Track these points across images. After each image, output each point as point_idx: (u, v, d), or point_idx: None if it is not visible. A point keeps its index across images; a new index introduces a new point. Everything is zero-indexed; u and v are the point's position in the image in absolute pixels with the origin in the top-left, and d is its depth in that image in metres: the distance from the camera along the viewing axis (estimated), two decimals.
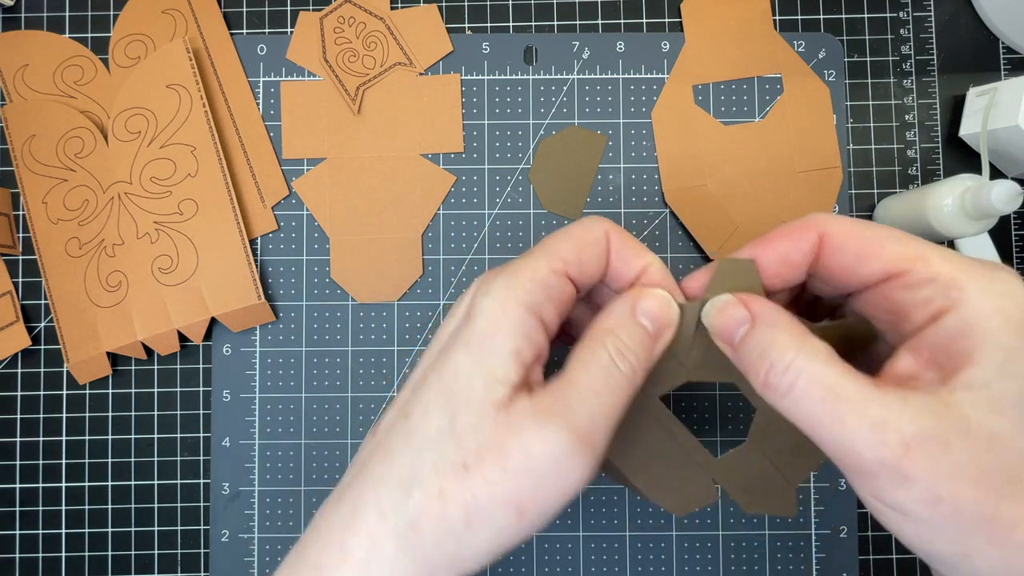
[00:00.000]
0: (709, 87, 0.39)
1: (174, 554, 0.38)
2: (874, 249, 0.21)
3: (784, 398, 0.20)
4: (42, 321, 0.39)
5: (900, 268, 0.21)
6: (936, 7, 0.40)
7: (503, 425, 0.20)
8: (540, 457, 0.20)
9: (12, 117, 0.39)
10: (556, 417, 0.20)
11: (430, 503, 0.20)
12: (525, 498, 0.20)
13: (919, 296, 0.20)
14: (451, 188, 0.39)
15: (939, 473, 0.18)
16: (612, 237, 0.24)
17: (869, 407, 0.18)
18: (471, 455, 0.20)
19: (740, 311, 0.22)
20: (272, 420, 0.38)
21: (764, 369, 0.20)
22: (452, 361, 0.22)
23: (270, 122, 0.39)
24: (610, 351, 0.22)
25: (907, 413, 0.18)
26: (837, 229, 0.22)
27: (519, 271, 0.22)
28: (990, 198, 0.30)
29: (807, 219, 0.23)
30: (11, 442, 0.39)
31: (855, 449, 0.18)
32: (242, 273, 0.37)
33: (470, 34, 0.40)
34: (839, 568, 0.37)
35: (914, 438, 0.18)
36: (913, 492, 0.18)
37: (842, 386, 0.19)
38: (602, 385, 0.21)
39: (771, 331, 0.21)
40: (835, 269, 0.22)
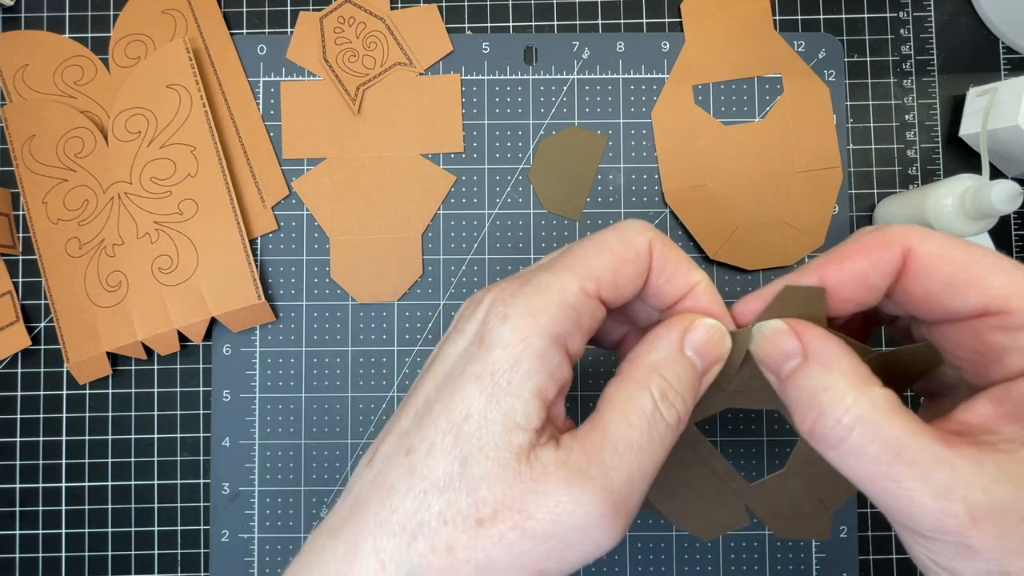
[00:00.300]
0: (709, 87, 0.39)
1: (174, 554, 0.38)
2: (972, 280, 0.18)
3: (833, 450, 0.18)
4: (42, 321, 0.39)
5: (1002, 307, 0.17)
6: (936, 7, 0.40)
7: (525, 480, 0.18)
8: (568, 525, 0.18)
9: (12, 117, 0.39)
10: (589, 481, 0.18)
11: (437, 557, 0.18)
12: (547, 563, 0.18)
13: (1018, 342, 0.17)
14: (451, 188, 0.39)
15: (1009, 548, 0.16)
16: (656, 250, 0.21)
17: (935, 471, 0.16)
18: (487, 510, 0.18)
19: (791, 343, 0.19)
20: (272, 420, 0.38)
21: (813, 416, 0.18)
22: (462, 397, 0.19)
23: (270, 122, 0.39)
24: (655, 397, 0.19)
25: (981, 480, 0.16)
26: (927, 249, 0.18)
27: (544, 291, 0.19)
28: (990, 198, 0.30)
29: (889, 232, 0.19)
30: (11, 442, 0.39)
31: (912, 515, 0.17)
32: (242, 273, 0.37)
33: (470, 34, 0.40)
34: (839, 568, 0.37)
35: (985, 510, 0.16)
36: (976, 564, 0.16)
37: (904, 445, 0.17)
38: (644, 441, 0.19)
39: (824, 373, 0.18)
40: (918, 296, 0.19)
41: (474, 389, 0.19)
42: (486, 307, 0.20)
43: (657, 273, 0.21)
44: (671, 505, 0.24)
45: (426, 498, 0.18)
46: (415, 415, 0.20)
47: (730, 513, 0.24)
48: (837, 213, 0.39)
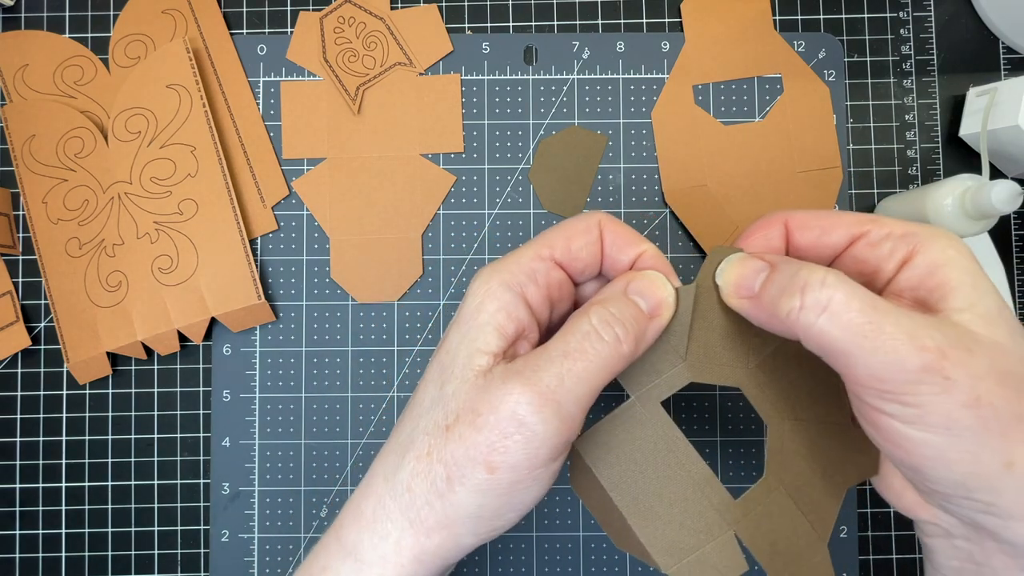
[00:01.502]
0: (709, 87, 0.39)
1: (174, 554, 0.38)
2: (832, 222, 0.24)
3: (821, 315, 0.20)
4: (42, 321, 0.39)
5: (860, 230, 0.23)
6: (936, 7, 0.40)
7: (478, 387, 0.22)
8: (504, 415, 0.21)
9: (12, 117, 0.39)
10: (519, 376, 0.22)
11: (420, 463, 0.22)
12: (493, 454, 0.21)
13: (883, 251, 0.22)
14: (451, 188, 0.39)
15: (973, 374, 0.19)
16: (605, 227, 0.25)
17: (901, 319, 0.19)
18: (452, 417, 0.22)
19: (756, 262, 0.23)
20: (272, 420, 0.38)
21: (799, 291, 0.20)
22: (447, 339, 0.24)
23: (270, 122, 0.39)
24: (593, 321, 0.23)
25: (930, 324, 0.20)
26: (799, 214, 0.25)
27: (506, 258, 0.25)
28: (990, 198, 0.30)
29: (767, 215, 0.26)
30: (11, 442, 0.39)
31: (899, 357, 0.19)
32: (242, 273, 0.37)
33: (470, 34, 0.40)
34: (839, 568, 0.37)
35: (946, 344, 0.19)
36: (956, 395, 0.19)
37: (876, 300, 0.20)
38: (576, 350, 0.22)
39: (796, 264, 0.22)
40: (806, 246, 0.24)
41: (453, 331, 0.24)
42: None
43: (610, 245, 0.25)
44: (652, 529, 0.24)
45: (417, 420, 0.23)
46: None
47: (722, 551, 0.24)
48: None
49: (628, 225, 0.25)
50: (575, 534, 0.38)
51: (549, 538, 0.38)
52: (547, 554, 0.38)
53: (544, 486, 0.23)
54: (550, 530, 0.38)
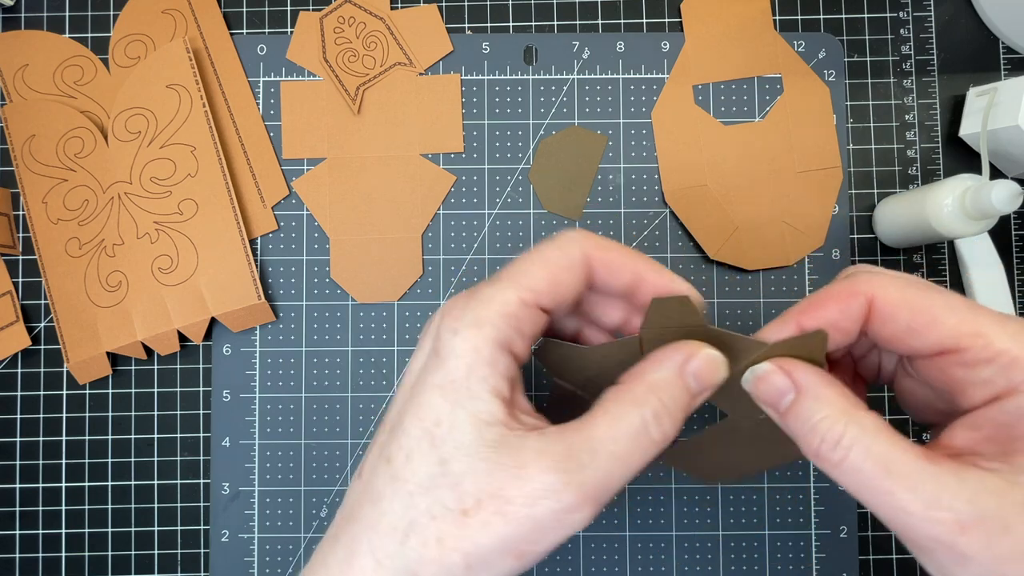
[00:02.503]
0: (709, 87, 0.39)
1: (174, 554, 0.38)
2: (927, 322, 0.20)
3: (835, 469, 0.19)
4: (42, 321, 0.39)
5: (957, 346, 0.20)
6: (936, 7, 0.40)
7: (502, 467, 0.20)
8: (543, 510, 0.19)
9: (12, 117, 0.39)
10: (564, 474, 0.19)
11: (428, 550, 0.20)
12: (526, 544, 0.20)
13: (978, 376, 0.19)
14: (451, 188, 0.39)
15: (999, 555, 0.17)
16: (593, 257, 0.23)
17: (922, 484, 0.18)
18: (470, 500, 0.20)
19: (783, 380, 0.21)
20: (272, 420, 0.38)
21: (816, 443, 0.20)
22: (429, 406, 0.21)
23: (270, 122, 0.39)
24: (647, 416, 0.21)
25: (964, 492, 0.18)
26: (886, 295, 0.21)
27: (488, 303, 0.21)
28: (990, 198, 0.30)
29: (854, 281, 0.21)
30: (11, 442, 0.39)
31: (909, 525, 0.18)
32: (242, 273, 0.37)
33: (470, 34, 0.40)
34: (839, 568, 0.37)
35: (971, 518, 0.17)
36: (972, 570, 0.18)
37: (894, 461, 0.18)
38: (625, 452, 0.20)
39: (817, 404, 0.20)
40: (885, 337, 0.21)
41: (438, 398, 0.21)
42: (437, 322, 0.22)
43: (603, 274, 0.23)
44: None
45: (412, 499, 0.20)
46: (391, 428, 0.22)
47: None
48: (837, 213, 0.39)
49: (615, 243, 0.23)
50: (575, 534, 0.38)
51: None
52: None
53: None
54: None
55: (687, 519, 0.38)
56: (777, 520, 0.38)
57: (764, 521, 0.38)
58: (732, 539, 0.38)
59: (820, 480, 0.38)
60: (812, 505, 0.38)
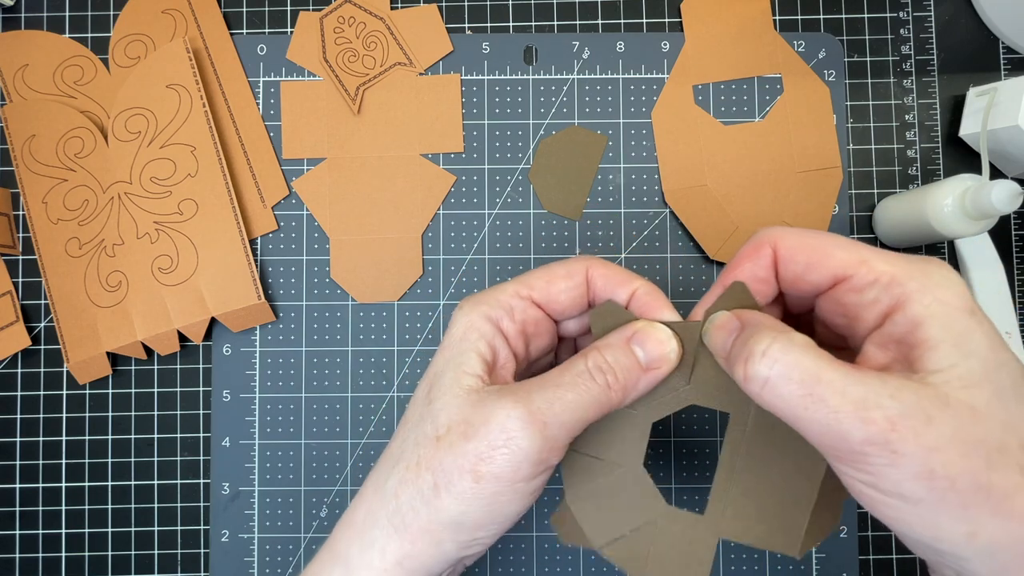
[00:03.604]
0: (709, 87, 0.39)
1: (174, 554, 0.38)
2: (820, 257, 0.22)
3: (764, 387, 0.20)
4: (42, 321, 0.39)
5: (845, 273, 0.22)
6: (936, 7, 0.40)
7: (470, 402, 0.23)
8: (495, 426, 0.22)
9: (12, 117, 0.39)
10: (512, 394, 0.23)
11: (408, 472, 0.24)
12: (480, 463, 0.22)
13: (867, 298, 0.21)
14: (451, 188, 0.39)
15: (927, 445, 0.18)
16: (594, 271, 0.26)
17: (850, 388, 0.19)
18: (443, 428, 0.23)
19: (733, 322, 0.23)
20: (272, 420, 0.38)
21: (744, 360, 0.21)
22: (433, 364, 0.26)
23: (270, 122, 0.39)
24: (588, 364, 0.24)
25: (887, 391, 0.19)
26: (785, 242, 0.23)
27: (487, 292, 0.26)
28: (990, 198, 0.30)
29: (759, 235, 0.24)
30: (11, 442, 0.39)
31: (841, 430, 0.19)
32: (242, 273, 0.37)
33: (470, 34, 0.40)
34: (839, 568, 0.37)
35: (898, 414, 0.18)
36: (905, 468, 0.18)
37: (821, 369, 0.19)
38: (569, 384, 0.23)
39: (751, 329, 0.22)
40: (790, 280, 0.24)
41: (439, 357, 0.26)
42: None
43: (603, 289, 0.26)
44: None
45: (407, 434, 0.25)
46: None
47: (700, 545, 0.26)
48: (837, 213, 0.39)
49: (617, 265, 0.26)
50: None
51: (549, 538, 0.38)
52: (547, 554, 0.38)
53: (525, 501, 0.24)
54: (550, 530, 0.38)
55: None
56: None
57: None
58: None
59: None
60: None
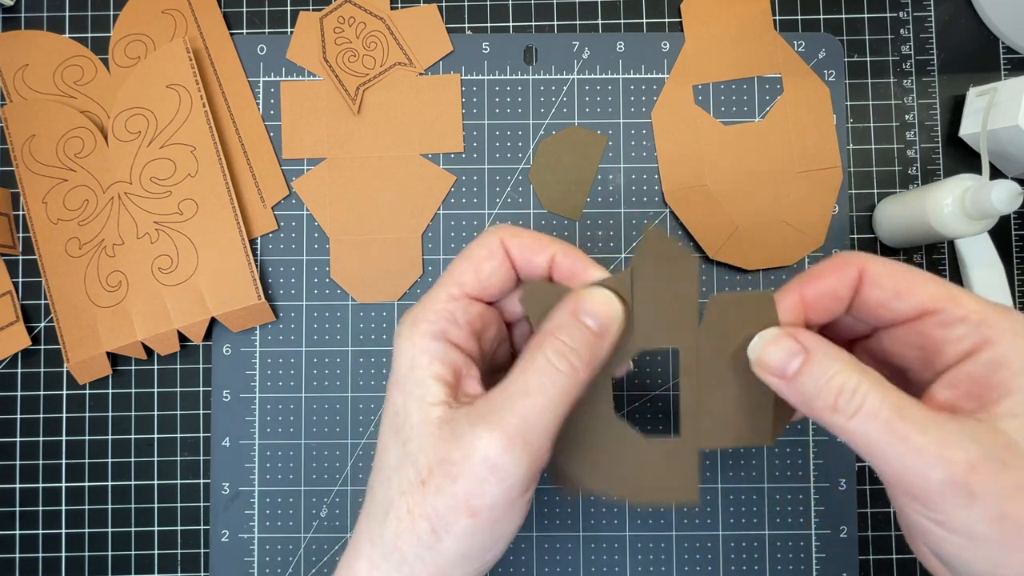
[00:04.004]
0: (709, 87, 0.39)
1: (174, 554, 0.38)
2: (910, 287, 0.22)
3: (851, 420, 0.21)
4: (42, 321, 0.39)
5: (935, 306, 0.22)
6: (936, 7, 0.40)
7: (445, 438, 0.22)
8: (477, 460, 0.22)
9: (12, 117, 0.39)
10: (484, 421, 0.22)
11: (401, 522, 0.23)
12: (472, 499, 0.22)
13: (953, 334, 0.21)
14: (451, 188, 0.39)
15: (1002, 491, 0.19)
16: (508, 241, 0.25)
17: (932, 428, 0.19)
18: (425, 471, 0.22)
19: (792, 345, 0.23)
20: (272, 420, 0.38)
21: (832, 395, 0.21)
22: (390, 401, 0.24)
23: (270, 122, 0.39)
24: (548, 355, 0.23)
25: (965, 434, 0.19)
26: (875, 267, 0.23)
27: (420, 305, 0.25)
28: (990, 198, 0.30)
29: (845, 256, 0.24)
30: (11, 442, 0.39)
31: (922, 469, 0.19)
32: (242, 273, 0.37)
33: (470, 34, 0.40)
34: (839, 568, 0.37)
35: (979, 457, 0.19)
36: (978, 511, 0.19)
37: (906, 407, 0.20)
38: (536, 387, 0.23)
39: (829, 361, 0.22)
40: (872, 304, 0.23)
41: (394, 392, 0.24)
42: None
43: (520, 259, 0.25)
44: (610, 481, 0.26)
45: (389, 482, 0.24)
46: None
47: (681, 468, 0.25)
48: (837, 213, 0.39)
49: (529, 230, 0.26)
50: (575, 534, 0.38)
51: (549, 538, 0.38)
52: (547, 554, 0.38)
53: (523, 514, 0.24)
54: (550, 530, 0.38)
55: (687, 519, 0.38)
56: (777, 520, 0.38)
57: (764, 521, 0.38)
58: (732, 539, 0.38)
59: (820, 480, 0.38)
60: (812, 505, 0.38)
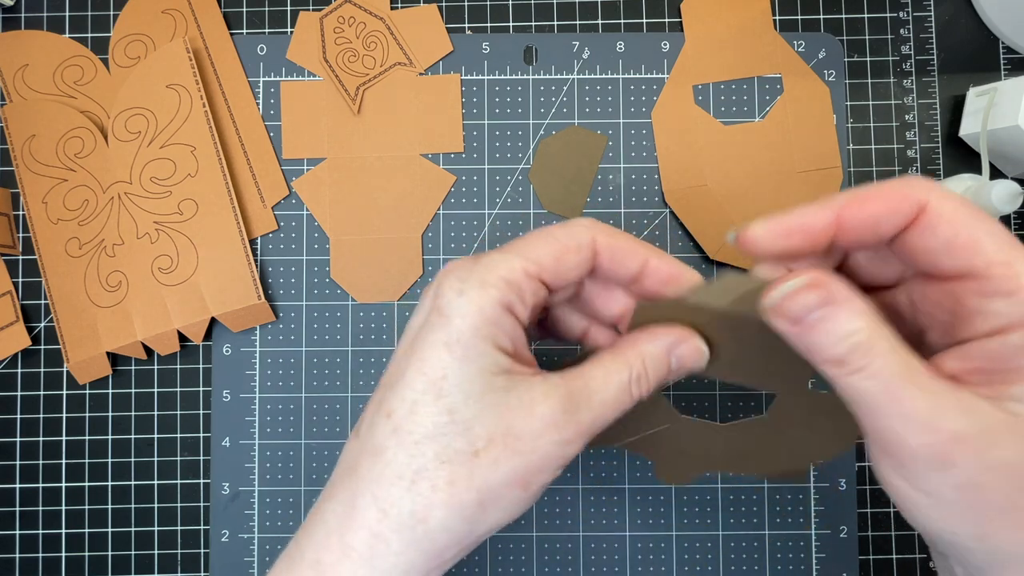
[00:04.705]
0: (709, 87, 0.39)
1: (174, 554, 0.38)
2: (968, 243, 0.19)
3: (851, 375, 0.19)
4: (42, 321, 0.39)
5: (987, 272, 0.19)
6: (936, 7, 0.40)
7: (511, 409, 0.22)
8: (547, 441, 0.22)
9: (12, 117, 0.39)
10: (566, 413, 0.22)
11: (439, 493, 0.21)
12: (532, 474, 0.22)
13: (990, 307, 0.19)
14: (451, 188, 0.39)
15: (984, 463, 0.18)
16: (601, 243, 0.24)
17: (928, 396, 0.19)
18: (481, 442, 0.21)
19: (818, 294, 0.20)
20: (272, 420, 0.38)
21: (844, 350, 0.19)
22: (435, 360, 0.22)
23: (270, 122, 0.39)
24: (633, 375, 0.23)
25: (962, 408, 0.19)
26: (940, 206, 0.19)
27: (493, 268, 0.22)
28: (990, 198, 0.30)
29: (911, 184, 0.20)
30: (11, 442, 0.39)
31: (905, 433, 0.19)
32: (242, 273, 0.37)
33: (470, 34, 0.40)
34: (839, 568, 0.37)
35: (967, 430, 0.18)
36: (951, 478, 0.19)
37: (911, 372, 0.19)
38: (611, 401, 0.23)
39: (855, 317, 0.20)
40: (917, 249, 0.20)
41: (444, 353, 0.22)
42: (439, 281, 0.23)
43: (608, 260, 0.24)
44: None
45: (419, 447, 0.21)
46: (389, 383, 0.23)
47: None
48: None
49: (622, 232, 0.25)
50: (575, 534, 0.38)
51: (549, 538, 0.38)
52: (547, 554, 0.38)
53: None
54: (550, 530, 0.38)
55: (687, 519, 0.38)
56: (777, 520, 0.38)
57: (764, 521, 0.38)
58: (732, 539, 0.38)
59: (820, 480, 0.38)
60: (812, 505, 0.38)
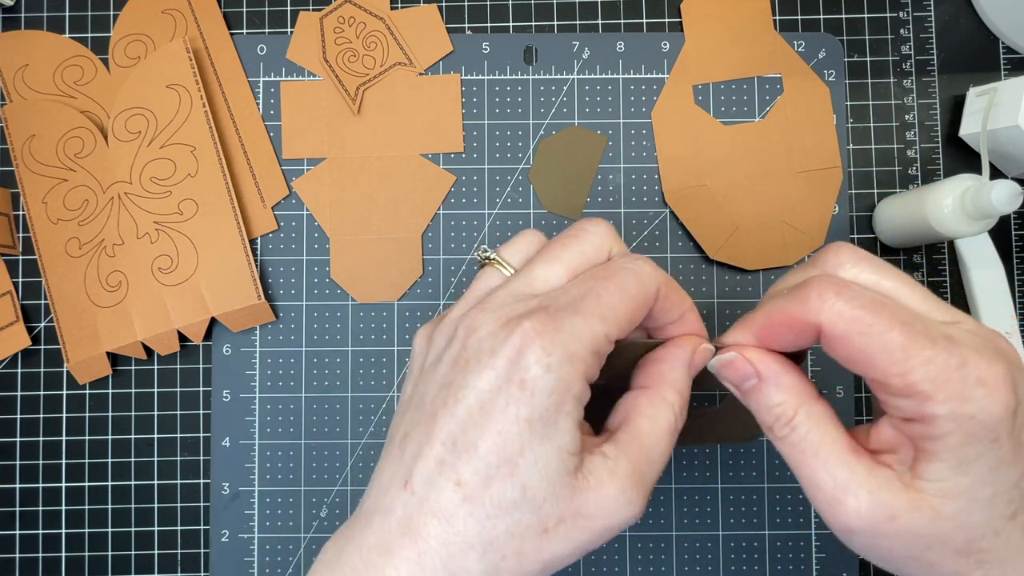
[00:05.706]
0: (709, 87, 0.39)
1: (174, 554, 0.38)
2: (863, 359, 0.21)
3: (779, 442, 0.24)
4: (42, 321, 0.39)
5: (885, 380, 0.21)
6: (936, 7, 0.40)
7: (582, 491, 0.22)
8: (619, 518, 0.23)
9: (12, 117, 0.39)
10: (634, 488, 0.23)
11: (507, 563, 0.22)
12: (593, 545, 0.23)
13: (896, 403, 0.22)
14: (451, 188, 0.39)
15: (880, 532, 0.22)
16: (662, 290, 0.25)
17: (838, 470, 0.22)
18: (551, 521, 0.22)
19: (746, 367, 0.24)
20: (272, 420, 0.38)
21: (772, 418, 0.24)
22: (515, 436, 0.22)
23: (270, 122, 0.39)
24: (676, 412, 0.25)
25: (867, 485, 0.22)
26: (833, 328, 0.22)
27: (579, 338, 0.22)
28: (990, 198, 0.30)
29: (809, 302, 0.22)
30: (11, 442, 0.39)
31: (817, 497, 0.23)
32: (242, 273, 0.37)
33: (470, 34, 0.40)
34: (839, 568, 0.37)
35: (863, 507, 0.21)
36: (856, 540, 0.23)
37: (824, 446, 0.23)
38: (667, 447, 0.24)
39: (777, 391, 0.24)
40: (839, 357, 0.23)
41: (525, 431, 0.22)
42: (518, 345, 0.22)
43: (659, 309, 0.25)
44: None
45: (491, 520, 0.22)
46: (452, 445, 0.22)
47: None
48: (837, 213, 0.39)
49: (674, 281, 0.26)
50: None
51: None
52: None
53: None
54: None
55: (687, 519, 0.38)
56: (777, 520, 0.38)
57: (764, 521, 0.38)
58: (732, 539, 0.38)
59: None
60: (812, 505, 0.38)
